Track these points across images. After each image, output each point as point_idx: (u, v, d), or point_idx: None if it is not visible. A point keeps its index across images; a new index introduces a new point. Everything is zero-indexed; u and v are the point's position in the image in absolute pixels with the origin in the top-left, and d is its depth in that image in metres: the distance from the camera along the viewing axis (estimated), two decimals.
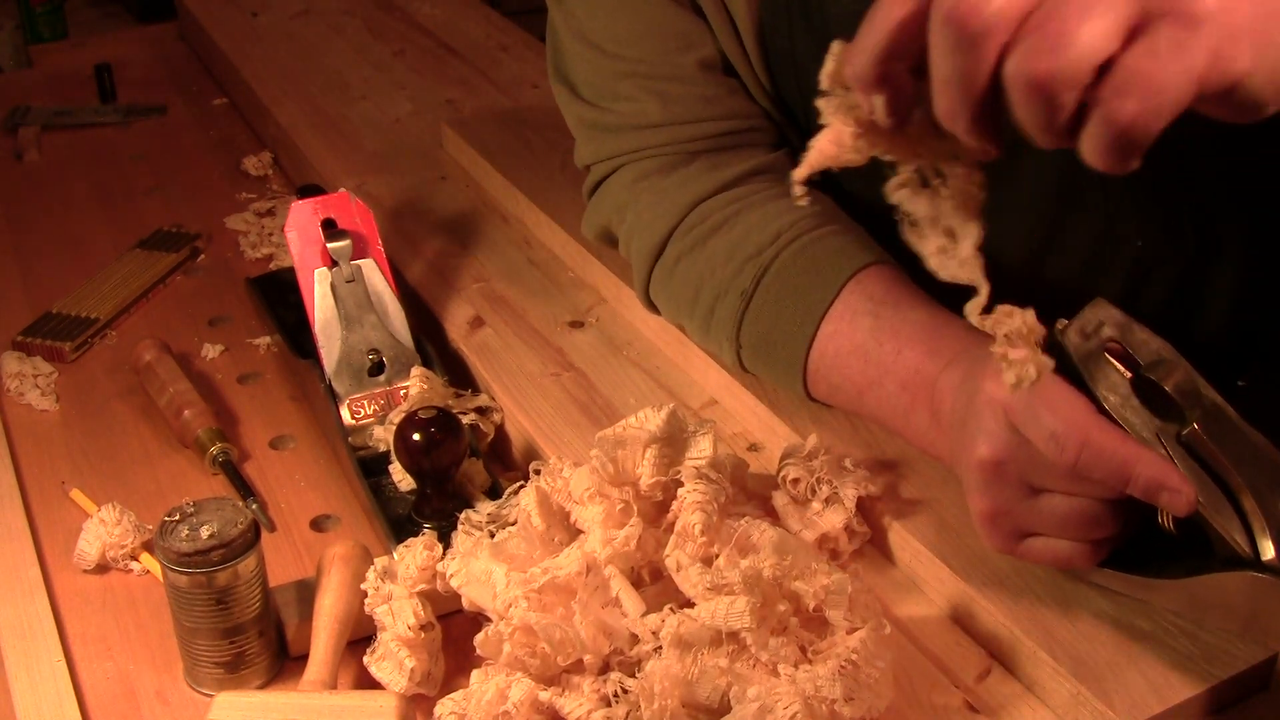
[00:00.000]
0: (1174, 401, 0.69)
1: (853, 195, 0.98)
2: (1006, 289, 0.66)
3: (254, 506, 0.91)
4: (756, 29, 0.97)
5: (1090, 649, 0.73)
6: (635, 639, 0.72)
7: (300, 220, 1.01)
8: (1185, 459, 0.69)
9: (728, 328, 0.94)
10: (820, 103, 0.63)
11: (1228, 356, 0.91)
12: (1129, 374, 0.70)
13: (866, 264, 0.90)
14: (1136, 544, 0.75)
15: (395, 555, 0.80)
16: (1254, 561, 0.70)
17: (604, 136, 1.03)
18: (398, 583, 0.78)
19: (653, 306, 1.03)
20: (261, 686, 0.79)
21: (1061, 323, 0.71)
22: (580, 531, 0.78)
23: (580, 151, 1.07)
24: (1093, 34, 0.52)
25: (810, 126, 0.87)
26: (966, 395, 0.77)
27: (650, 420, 0.79)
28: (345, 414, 0.96)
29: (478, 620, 0.76)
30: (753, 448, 0.94)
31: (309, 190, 1.07)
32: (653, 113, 1.00)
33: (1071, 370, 0.70)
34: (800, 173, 0.65)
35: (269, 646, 0.79)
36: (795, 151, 0.98)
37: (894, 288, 0.89)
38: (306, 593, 0.81)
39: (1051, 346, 0.68)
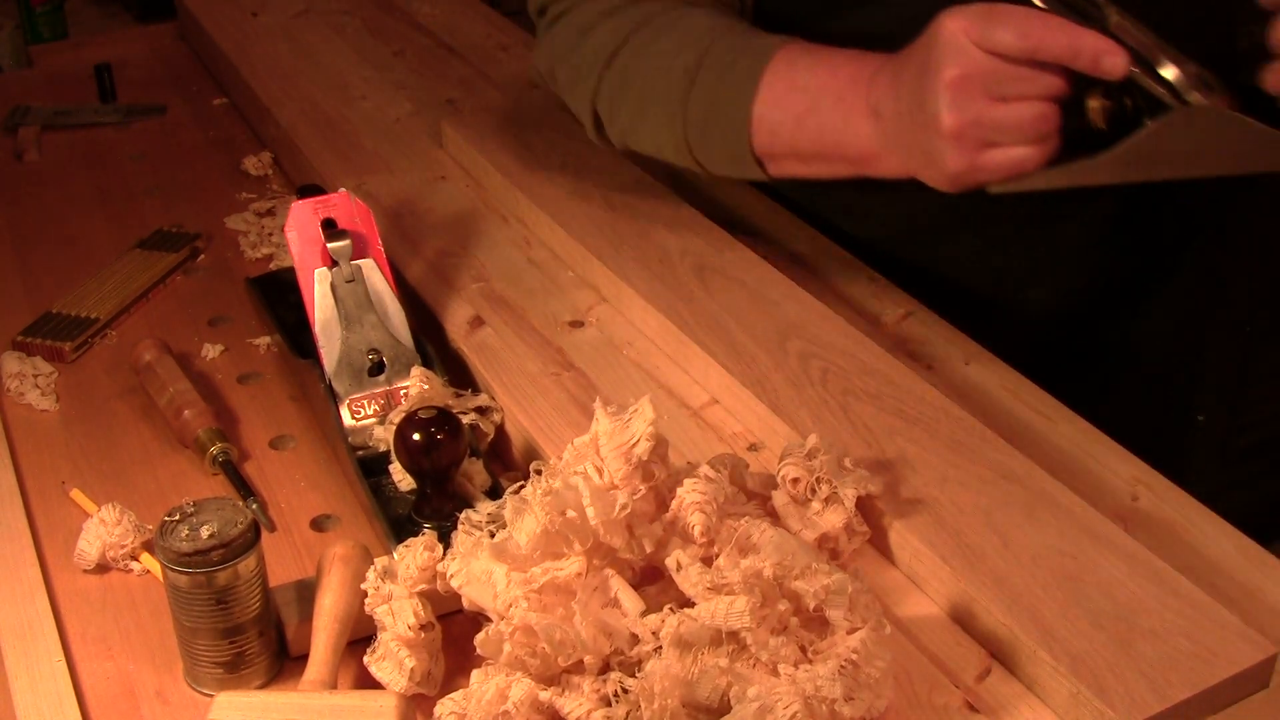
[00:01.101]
0: (1094, 4, 0.87)
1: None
2: None
3: (254, 506, 0.91)
4: None
5: (1090, 649, 0.73)
6: (635, 639, 0.72)
7: (300, 220, 1.01)
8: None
9: (676, 105, 1.04)
10: None
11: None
12: None
13: (796, 39, 1.03)
14: (1070, 151, 0.89)
15: (395, 555, 0.80)
16: (1183, 105, 0.85)
17: None
18: (398, 583, 0.78)
19: (597, 123, 1.12)
20: (261, 686, 0.79)
21: None
22: None
23: None
24: None
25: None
26: (915, 64, 0.89)
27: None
28: (345, 414, 0.96)
29: (478, 620, 0.76)
30: (753, 448, 0.94)
31: (309, 190, 1.07)
32: None
33: None
34: None
35: (269, 646, 0.79)
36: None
37: (824, 46, 1.01)
38: (306, 593, 0.81)
39: None
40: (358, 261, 1.00)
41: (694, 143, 1.05)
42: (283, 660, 0.80)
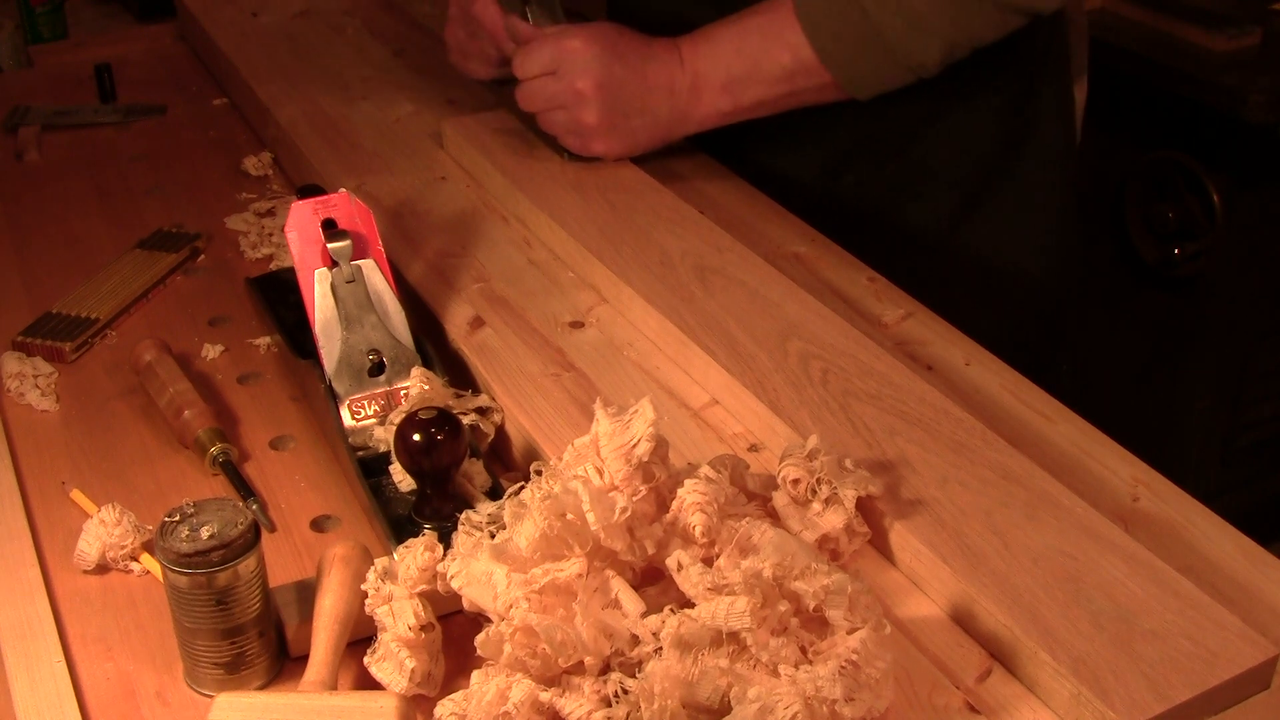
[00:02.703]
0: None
1: None
2: None
3: (254, 507, 0.91)
4: None
5: (1090, 649, 0.73)
6: (636, 640, 0.72)
7: (300, 220, 1.01)
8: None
9: None
10: None
11: None
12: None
13: None
14: None
15: (395, 556, 0.80)
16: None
17: None
18: (398, 583, 0.78)
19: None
20: (261, 687, 0.79)
21: None
22: None
23: None
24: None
25: None
26: None
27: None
28: (345, 414, 0.96)
29: (478, 621, 0.76)
30: (753, 448, 0.94)
31: (309, 190, 1.07)
32: None
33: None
34: None
35: (269, 647, 0.79)
36: None
37: None
38: (306, 593, 0.81)
39: None
40: (358, 262, 1.00)
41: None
42: (283, 661, 0.80)
